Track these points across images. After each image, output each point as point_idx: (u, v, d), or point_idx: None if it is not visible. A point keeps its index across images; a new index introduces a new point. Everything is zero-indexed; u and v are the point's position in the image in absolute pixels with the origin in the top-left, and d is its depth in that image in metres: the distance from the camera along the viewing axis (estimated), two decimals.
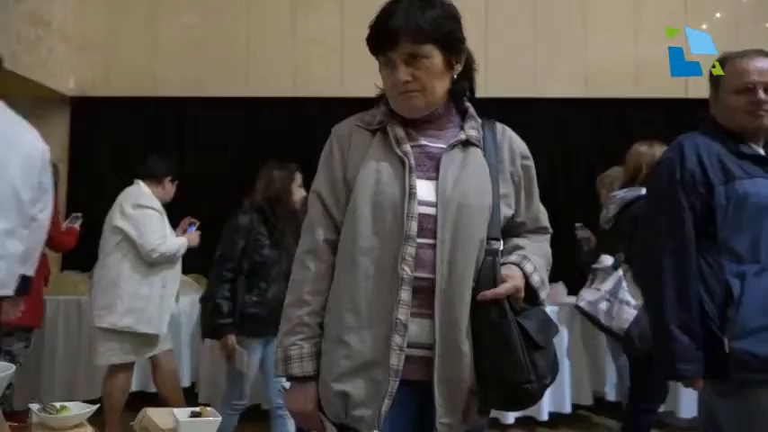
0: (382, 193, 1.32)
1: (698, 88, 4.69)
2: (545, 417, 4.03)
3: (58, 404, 1.19)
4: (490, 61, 4.33)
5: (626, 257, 3.03)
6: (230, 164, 5.05)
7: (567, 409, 4.15)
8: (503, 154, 1.42)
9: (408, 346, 1.27)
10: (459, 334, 1.28)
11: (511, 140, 1.45)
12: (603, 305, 3.01)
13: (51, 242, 3.82)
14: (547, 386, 1.30)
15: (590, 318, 3.12)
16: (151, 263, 3.35)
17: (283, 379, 1.38)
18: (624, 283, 3.00)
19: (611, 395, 4.30)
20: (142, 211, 3.36)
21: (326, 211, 1.39)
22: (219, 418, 1.27)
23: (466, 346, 1.29)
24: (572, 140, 5.21)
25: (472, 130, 1.40)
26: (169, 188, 3.61)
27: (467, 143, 1.38)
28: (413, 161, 1.34)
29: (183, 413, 1.28)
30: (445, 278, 1.28)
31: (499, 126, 1.46)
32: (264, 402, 3.79)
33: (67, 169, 5.22)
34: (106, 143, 5.23)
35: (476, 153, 1.38)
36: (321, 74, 5.13)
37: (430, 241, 1.30)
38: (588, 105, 5.15)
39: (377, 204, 1.32)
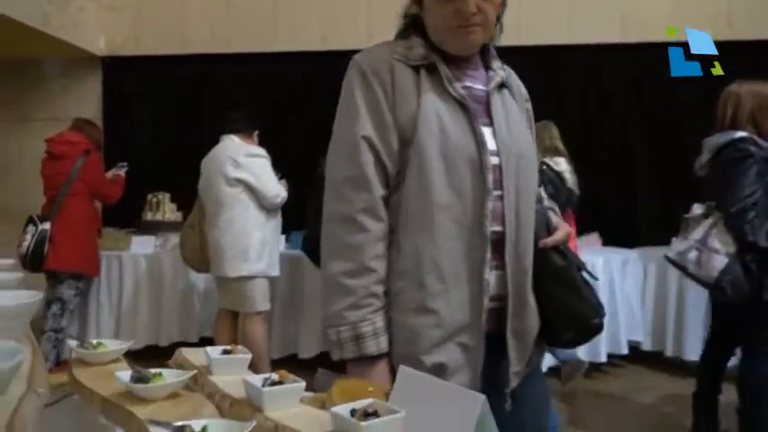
0: (452, 143, 1.20)
1: (740, 30, 4.49)
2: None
3: (94, 341, 1.23)
4: (523, 9, 4.21)
5: (717, 205, 2.92)
6: (260, 120, 5.07)
7: (603, 358, 4.14)
8: (517, 96, 1.37)
9: None
10: (528, 283, 1.27)
11: (518, 81, 1.41)
12: (692, 254, 2.94)
13: (100, 194, 3.96)
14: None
15: (679, 267, 3.05)
16: (270, 209, 3.48)
17: None
18: (714, 232, 2.91)
19: (646, 345, 4.28)
20: (257, 160, 3.46)
21: (380, 162, 1.21)
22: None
23: (532, 296, 1.29)
24: (607, 88, 5.06)
25: (501, 70, 1.33)
26: (255, 140, 3.68)
27: (501, 85, 1.32)
28: (472, 105, 1.24)
29: (215, 351, 1.30)
30: (513, 229, 1.23)
31: (506, 66, 1.39)
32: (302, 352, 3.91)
33: (102, 128, 5.31)
34: (137, 102, 5.31)
35: (508, 96, 1.33)
36: (348, 28, 5.07)
37: (498, 192, 1.23)
38: (624, 50, 4.97)
39: (448, 156, 1.19)
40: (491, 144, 1.23)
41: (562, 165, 3.48)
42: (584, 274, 1.35)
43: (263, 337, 3.52)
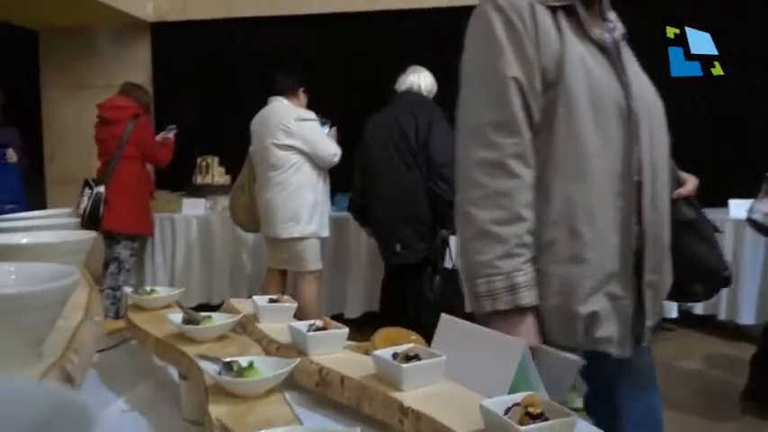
0: (599, 87, 1.16)
1: None
2: None
3: (148, 288, 1.28)
4: None
5: None
6: (305, 81, 5.09)
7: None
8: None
9: None
10: (665, 235, 1.24)
11: None
12: None
13: (151, 157, 4.08)
14: None
15: (764, 230, 2.95)
16: (328, 168, 3.55)
17: None
18: None
19: (698, 308, 4.18)
20: (307, 123, 3.49)
21: (527, 104, 1.14)
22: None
23: (668, 248, 1.26)
24: None
25: (618, 22, 1.31)
26: (303, 98, 3.69)
27: (622, 36, 1.29)
28: (613, 50, 1.21)
29: (262, 300, 1.34)
30: (650, 179, 1.20)
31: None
32: (349, 311, 3.98)
33: (152, 93, 5.43)
34: (185, 66, 5.39)
35: (628, 47, 1.30)
36: None
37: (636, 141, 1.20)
38: None
39: (596, 101, 1.15)
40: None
41: None
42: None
43: (314, 295, 3.59)
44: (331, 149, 3.52)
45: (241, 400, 0.81)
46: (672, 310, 4.12)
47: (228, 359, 0.87)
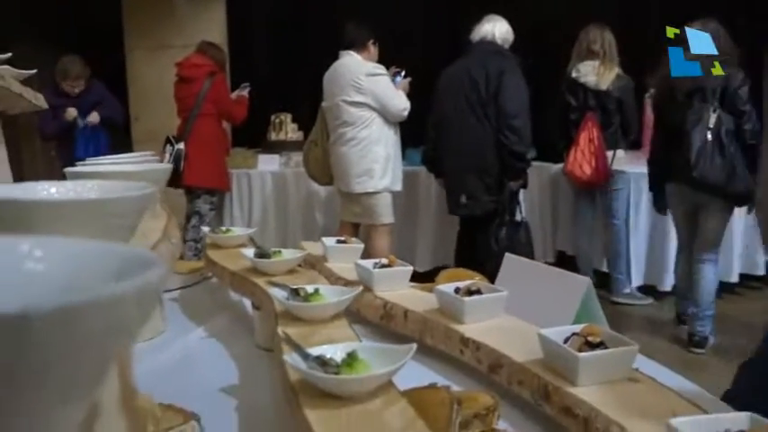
0: None
1: None
2: None
3: (224, 227, 1.35)
4: None
5: None
6: (380, 32, 5.07)
7: (735, 278, 3.90)
8: None
9: None
10: None
11: None
12: None
13: (226, 114, 4.21)
14: None
15: None
16: (397, 122, 3.56)
17: None
18: None
19: None
20: (376, 78, 3.51)
21: None
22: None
23: None
24: None
25: None
26: (373, 51, 3.69)
27: None
28: None
29: (330, 240, 1.39)
30: None
31: None
32: (419, 265, 4.01)
33: (228, 52, 5.56)
34: (258, 25, 5.48)
35: None
36: None
37: None
38: None
39: None
40: None
41: None
42: None
43: (387, 248, 3.64)
44: (401, 104, 3.50)
45: (307, 324, 0.86)
46: (758, 266, 3.92)
47: (296, 286, 0.92)
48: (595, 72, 3.56)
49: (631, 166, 3.82)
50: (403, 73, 3.69)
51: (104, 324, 0.21)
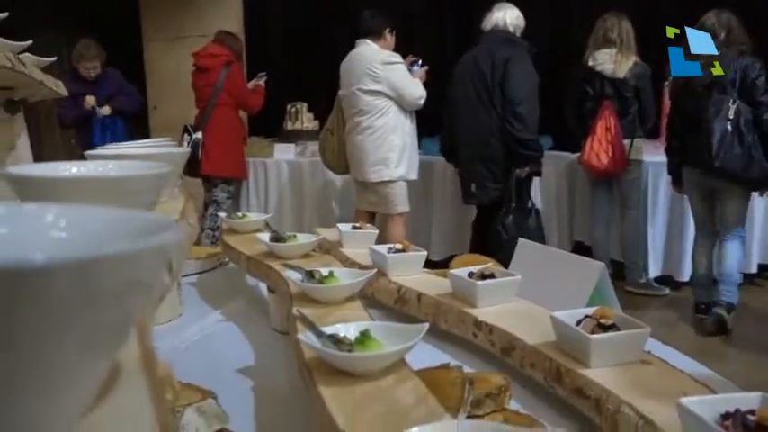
0: None
1: None
2: None
3: (240, 213, 1.37)
4: None
5: None
6: (397, 22, 5.07)
7: (753, 269, 3.86)
8: None
9: None
10: None
11: None
12: None
13: (243, 103, 4.24)
14: None
15: None
16: (413, 110, 3.55)
17: None
18: None
19: None
20: (392, 66, 3.50)
21: None
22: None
23: None
24: None
25: None
26: (390, 39, 3.68)
27: None
28: None
29: (345, 227, 1.40)
30: None
31: None
32: (433, 254, 4.02)
33: (244, 42, 5.58)
34: (273, 15, 5.48)
35: None
36: None
37: None
38: None
39: None
40: None
41: None
42: None
43: (402, 237, 3.64)
44: (417, 93, 3.49)
45: (322, 306, 0.87)
46: None
47: (310, 268, 0.93)
48: (612, 60, 3.52)
49: (649, 155, 3.79)
50: (420, 62, 3.68)
51: (123, 279, 0.22)
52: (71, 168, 0.56)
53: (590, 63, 3.58)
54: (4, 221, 0.28)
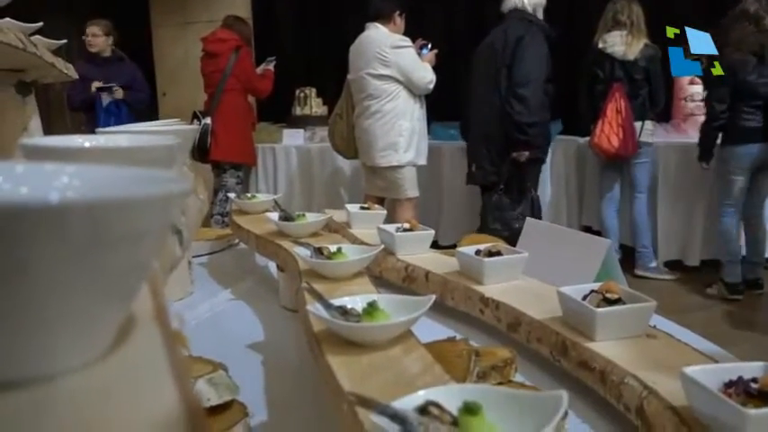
0: None
1: None
2: None
3: (249, 194, 1.38)
4: None
5: None
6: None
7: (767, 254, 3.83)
8: None
9: None
10: None
11: None
12: None
13: (252, 88, 4.24)
14: None
15: None
16: (423, 94, 3.54)
17: None
18: None
19: None
20: (402, 50, 3.48)
21: None
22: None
23: None
24: None
25: None
26: (400, 22, 3.65)
27: None
28: None
29: (354, 207, 1.41)
30: None
31: None
32: (442, 239, 4.03)
33: (253, 26, 5.57)
34: (284, 1, 5.46)
35: None
36: None
37: None
38: None
39: None
40: None
41: None
42: None
43: (413, 218, 3.66)
44: (426, 77, 3.48)
45: (330, 281, 0.88)
46: None
47: (319, 245, 0.94)
48: (623, 42, 3.49)
49: (660, 138, 3.76)
50: (429, 45, 3.65)
51: (132, 224, 0.23)
52: (83, 141, 0.57)
53: (600, 45, 3.55)
54: (24, 179, 0.29)
